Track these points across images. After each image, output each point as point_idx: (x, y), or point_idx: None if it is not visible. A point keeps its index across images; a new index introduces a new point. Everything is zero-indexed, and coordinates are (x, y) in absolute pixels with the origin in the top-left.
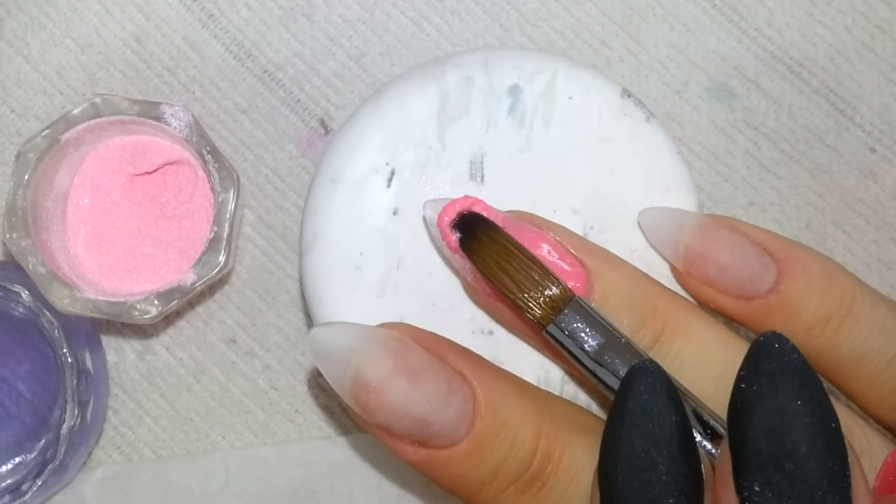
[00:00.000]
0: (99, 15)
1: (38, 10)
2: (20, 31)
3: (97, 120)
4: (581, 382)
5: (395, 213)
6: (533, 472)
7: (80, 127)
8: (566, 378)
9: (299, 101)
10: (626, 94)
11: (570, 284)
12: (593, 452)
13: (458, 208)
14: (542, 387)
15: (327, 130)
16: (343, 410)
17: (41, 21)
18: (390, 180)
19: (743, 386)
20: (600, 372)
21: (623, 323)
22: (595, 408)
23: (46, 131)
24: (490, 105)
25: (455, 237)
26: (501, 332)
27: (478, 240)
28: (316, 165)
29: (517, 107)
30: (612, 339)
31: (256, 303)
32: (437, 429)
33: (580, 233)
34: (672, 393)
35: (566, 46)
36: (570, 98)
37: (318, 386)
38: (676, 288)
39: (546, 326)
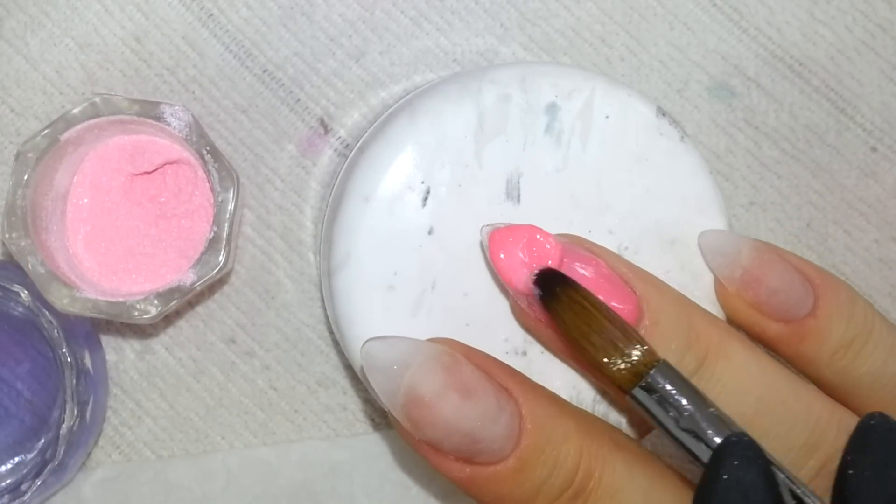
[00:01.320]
0: (98, 14)
1: (38, 10)
2: (20, 31)
3: (97, 119)
4: (613, 402)
5: (430, 232)
6: (575, 489)
7: (79, 126)
8: (598, 397)
9: (299, 100)
10: (661, 112)
11: (621, 308)
12: (631, 468)
13: (517, 236)
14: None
15: (327, 130)
16: (343, 410)
17: (41, 20)
18: (426, 199)
19: (851, 472)
20: (688, 441)
21: (671, 348)
22: (625, 427)
23: (46, 131)
24: (527, 123)
25: (529, 286)
26: (535, 353)
27: (558, 299)
28: (333, 175)
29: (554, 125)
30: (699, 405)
31: (256, 303)
32: (485, 445)
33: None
34: (767, 468)
35: (566, 45)
36: (607, 117)
37: (318, 386)
38: (712, 309)
39: (630, 390)
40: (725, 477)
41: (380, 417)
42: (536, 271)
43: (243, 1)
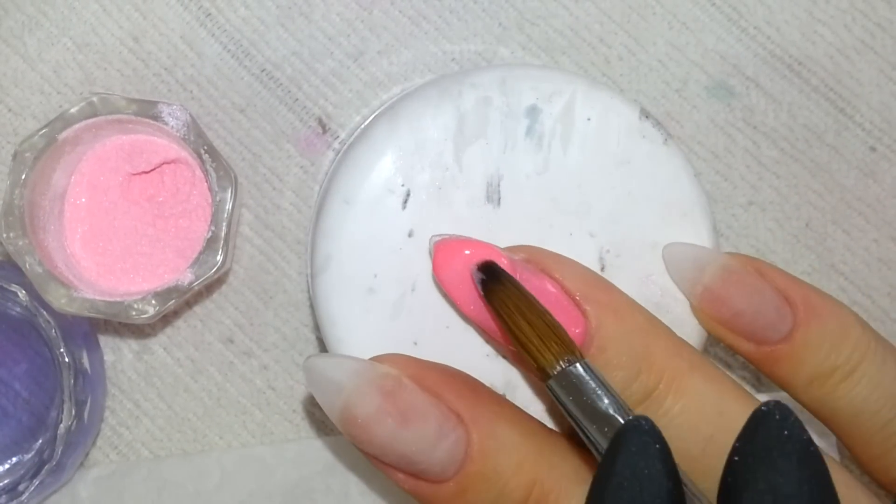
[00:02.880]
0: (96, 14)
1: (36, 9)
2: (17, 30)
3: (94, 119)
4: None
5: (410, 234)
6: None
7: (77, 126)
8: None
9: (297, 100)
10: (645, 114)
11: (571, 332)
12: None
13: (463, 249)
14: (553, 414)
15: (325, 130)
16: None
17: (38, 20)
18: (406, 202)
19: (736, 459)
20: (594, 435)
21: (616, 377)
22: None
23: (44, 130)
24: (507, 126)
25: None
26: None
27: (496, 292)
28: (321, 178)
29: (535, 128)
30: (614, 402)
31: (254, 302)
32: (424, 467)
33: (596, 257)
34: (666, 456)
35: (565, 45)
36: (589, 119)
37: None
38: (692, 321)
39: (547, 381)
40: (620, 465)
41: None
42: (480, 262)
43: (241, 0)
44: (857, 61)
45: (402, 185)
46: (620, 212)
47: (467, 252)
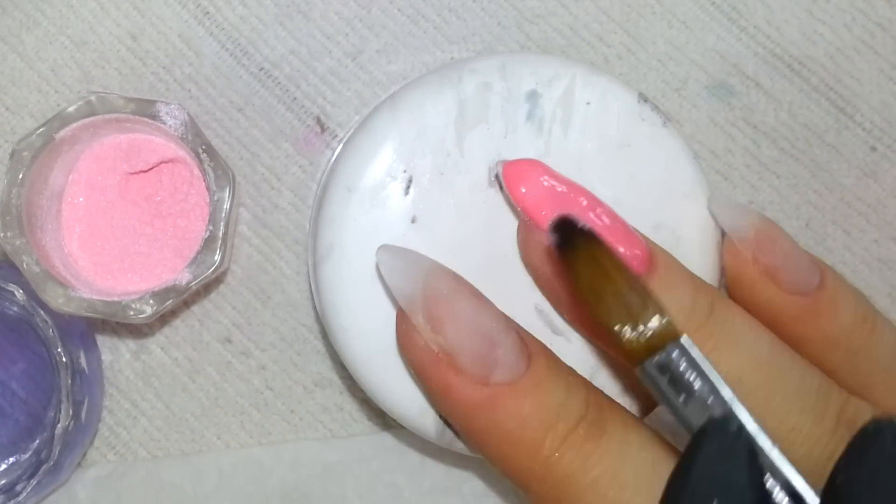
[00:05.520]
0: (94, 12)
1: (34, 8)
2: (15, 29)
3: (92, 118)
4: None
5: (413, 220)
6: (590, 420)
7: (74, 125)
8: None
9: (295, 98)
10: (643, 98)
11: (634, 254)
12: (626, 421)
13: (526, 170)
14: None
15: (324, 129)
16: (340, 410)
17: (36, 18)
18: (408, 188)
19: (843, 462)
20: (695, 422)
21: (685, 293)
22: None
23: (41, 129)
24: (508, 111)
25: (550, 238)
26: None
27: (576, 253)
28: (321, 170)
29: (535, 112)
30: (713, 390)
31: (252, 302)
32: (502, 353)
33: None
34: (751, 458)
35: (564, 44)
36: (588, 103)
37: (315, 386)
38: None
39: (640, 363)
40: (700, 468)
41: (376, 417)
42: (555, 218)
43: None
44: (857, 61)
45: (405, 172)
46: (621, 194)
47: (542, 176)
